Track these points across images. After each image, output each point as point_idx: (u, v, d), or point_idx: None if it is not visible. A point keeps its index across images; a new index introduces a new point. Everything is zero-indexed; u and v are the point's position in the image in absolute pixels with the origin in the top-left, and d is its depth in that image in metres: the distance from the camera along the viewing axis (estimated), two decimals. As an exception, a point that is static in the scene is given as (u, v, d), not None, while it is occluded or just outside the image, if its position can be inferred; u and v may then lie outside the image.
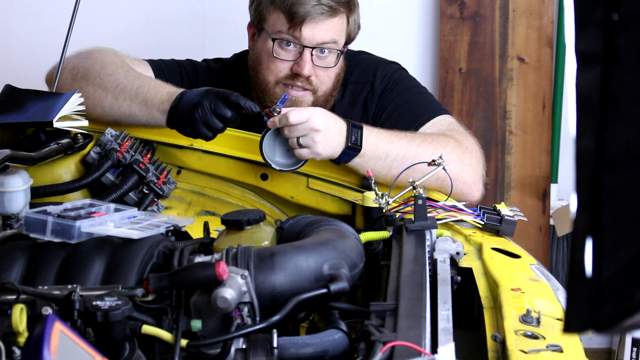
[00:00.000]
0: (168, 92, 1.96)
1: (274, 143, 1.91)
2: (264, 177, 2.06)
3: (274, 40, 2.14)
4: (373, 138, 1.92)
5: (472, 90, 3.39)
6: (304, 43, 2.12)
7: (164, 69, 2.29)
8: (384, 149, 1.93)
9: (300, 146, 1.86)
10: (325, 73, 2.17)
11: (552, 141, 3.41)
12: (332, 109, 2.25)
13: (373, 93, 2.27)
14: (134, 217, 1.54)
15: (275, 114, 1.87)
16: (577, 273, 0.79)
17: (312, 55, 2.13)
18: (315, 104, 2.17)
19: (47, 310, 1.19)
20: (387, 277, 1.42)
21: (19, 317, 1.15)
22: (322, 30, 2.12)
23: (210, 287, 1.23)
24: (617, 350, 3.42)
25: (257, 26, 2.22)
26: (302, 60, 2.13)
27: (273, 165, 1.91)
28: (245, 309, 1.25)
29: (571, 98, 0.80)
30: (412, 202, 1.59)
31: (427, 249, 1.51)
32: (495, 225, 1.75)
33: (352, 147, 1.89)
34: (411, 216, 1.59)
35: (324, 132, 1.85)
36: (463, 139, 2.08)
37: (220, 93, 1.88)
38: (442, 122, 2.17)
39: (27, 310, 1.18)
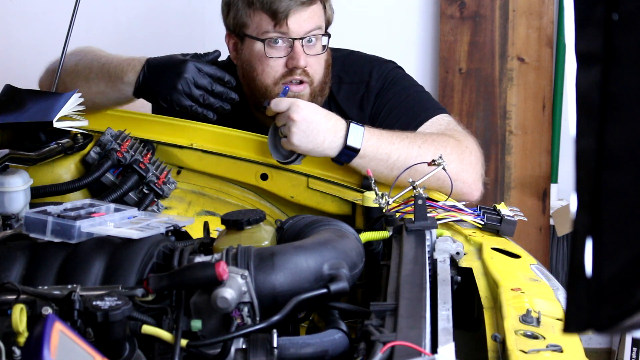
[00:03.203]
0: (130, 63, 2.00)
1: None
2: (264, 177, 2.06)
3: (263, 41, 2.14)
4: (375, 139, 1.92)
5: (472, 90, 3.39)
6: (292, 36, 2.12)
7: None
8: (386, 150, 1.92)
9: (282, 135, 1.89)
10: (316, 61, 2.17)
11: (552, 141, 3.41)
12: (329, 107, 2.25)
13: (369, 93, 2.27)
14: (134, 217, 1.54)
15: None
16: (577, 273, 0.79)
17: (302, 46, 2.13)
18: (313, 94, 2.17)
19: (47, 310, 1.19)
20: (387, 277, 1.42)
21: (19, 317, 1.15)
22: (306, 19, 2.13)
23: (210, 287, 1.23)
24: (617, 350, 3.42)
25: (238, 34, 2.21)
26: (295, 53, 2.13)
27: (273, 156, 1.95)
28: (245, 309, 1.25)
29: (571, 98, 0.80)
30: (412, 202, 1.59)
31: (427, 249, 1.51)
32: (495, 225, 1.75)
33: (351, 148, 1.89)
34: (411, 216, 1.59)
35: (301, 123, 1.86)
36: (462, 138, 2.08)
37: (200, 65, 1.96)
38: (440, 122, 2.17)
39: (27, 310, 1.18)
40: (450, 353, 1.08)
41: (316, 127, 1.87)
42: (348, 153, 1.90)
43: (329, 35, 2.20)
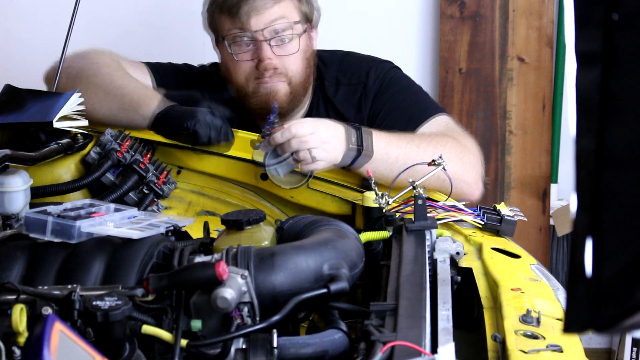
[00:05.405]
0: (151, 99, 1.98)
1: (277, 164, 1.89)
2: (264, 177, 2.05)
3: (224, 39, 2.15)
4: (383, 144, 1.91)
5: (472, 90, 3.38)
6: (252, 29, 2.12)
7: (160, 72, 2.30)
8: (393, 154, 1.92)
9: (300, 160, 1.84)
10: (291, 60, 2.16)
11: (552, 141, 3.41)
12: (326, 110, 2.25)
13: (366, 94, 2.26)
14: (134, 217, 1.54)
15: (265, 138, 1.85)
16: (577, 273, 0.79)
17: (271, 46, 2.13)
18: (292, 91, 2.17)
19: (47, 310, 1.19)
20: (387, 277, 1.42)
21: (19, 317, 1.15)
22: (270, 19, 2.12)
23: (210, 287, 1.23)
24: (617, 350, 3.42)
25: (217, 40, 2.24)
26: (261, 52, 2.13)
27: (284, 187, 1.92)
28: (245, 309, 1.25)
29: (571, 98, 0.80)
30: (412, 202, 1.59)
31: (427, 249, 1.51)
32: (495, 225, 1.75)
33: (364, 154, 1.88)
34: (411, 216, 1.59)
35: (314, 138, 1.82)
36: (462, 138, 2.09)
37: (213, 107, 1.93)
38: (439, 122, 2.17)
39: (27, 310, 1.18)
40: (450, 353, 1.08)
41: (341, 138, 1.85)
42: (361, 159, 1.89)
43: (301, 34, 2.17)
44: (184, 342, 1.22)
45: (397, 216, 1.68)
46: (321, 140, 1.83)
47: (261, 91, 2.16)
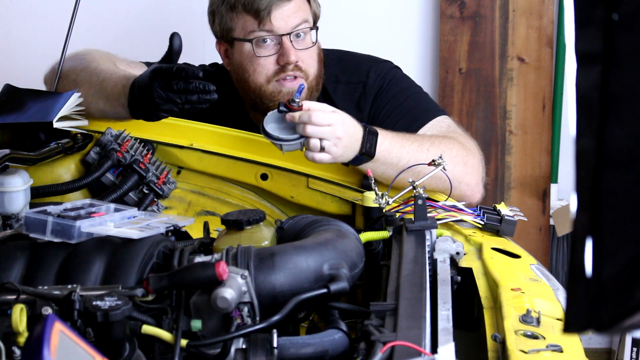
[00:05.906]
0: (124, 84, 1.94)
1: (277, 125, 1.83)
2: (264, 177, 2.06)
3: (251, 41, 2.13)
4: (387, 144, 1.91)
5: (472, 90, 3.38)
6: (279, 32, 2.11)
7: None
8: (397, 154, 1.92)
9: (321, 147, 1.82)
10: (308, 54, 2.16)
11: (552, 141, 3.41)
12: (322, 97, 2.25)
13: (366, 93, 2.26)
14: (134, 217, 1.54)
15: (294, 105, 1.79)
16: (577, 273, 0.79)
17: (291, 41, 2.12)
18: (309, 87, 2.16)
19: (47, 310, 1.19)
20: (387, 277, 1.42)
21: (19, 317, 1.15)
22: (291, 14, 2.12)
23: (210, 287, 1.23)
24: (617, 350, 3.42)
25: (226, 40, 2.20)
26: (284, 49, 2.12)
27: (284, 146, 1.82)
28: (245, 309, 1.25)
29: (571, 98, 0.80)
30: (412, 202, 1.59)
31: (427, 249, 1.51)
32: (495, 225, 1.75)
33: (366, 154, 1.88)
34: (411, 216, 1.59)
35: (344, 139, 1.82)
36: (464, 140, 2.09)
37: (164, 69, 1.82)
38: (441, 124, 2.17)
39: (27, 310, 1.18)
40: (450, 353, 1.08)
41: (353, 137, 1.84)
42: (361, 159, 1.89)
43: (317, 28, 2.19)
44: (184, 342, 1.22)
45: (397, 216, 1.68)
46: (336, 135, 1.81)
47: (283, 91, 2.14)
